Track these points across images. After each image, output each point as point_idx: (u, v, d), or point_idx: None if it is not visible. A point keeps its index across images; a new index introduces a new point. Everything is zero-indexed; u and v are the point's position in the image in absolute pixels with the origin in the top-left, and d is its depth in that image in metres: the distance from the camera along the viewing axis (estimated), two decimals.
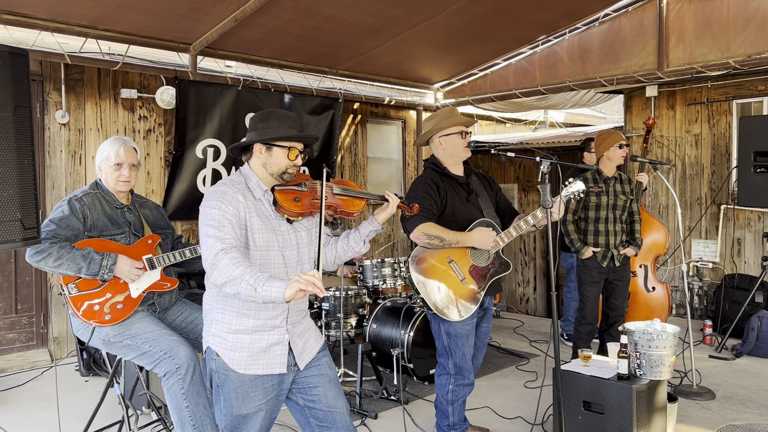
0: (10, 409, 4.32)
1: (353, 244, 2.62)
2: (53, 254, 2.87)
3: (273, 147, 2.42)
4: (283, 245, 2.43)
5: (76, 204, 3.04)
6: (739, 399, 4.35)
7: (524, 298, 8.58)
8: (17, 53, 2.03)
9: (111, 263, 2.98)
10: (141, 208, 3.34)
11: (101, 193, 3.17)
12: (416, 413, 4.17)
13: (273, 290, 2.07)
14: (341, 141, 7.40)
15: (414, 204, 2.79)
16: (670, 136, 7.07)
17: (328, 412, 2.45)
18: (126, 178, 3.17)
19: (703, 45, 5.73)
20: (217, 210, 2.28)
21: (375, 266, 5.32)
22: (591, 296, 4.61)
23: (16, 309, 5.41)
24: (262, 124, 2.44)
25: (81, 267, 2.91)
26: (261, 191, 2.43)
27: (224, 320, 2.38)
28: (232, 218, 2.29)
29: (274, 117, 2.46)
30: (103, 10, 4.81)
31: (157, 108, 5.98)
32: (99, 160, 3.19)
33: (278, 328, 2.39)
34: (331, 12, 5.33)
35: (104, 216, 3.11)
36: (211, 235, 2.23)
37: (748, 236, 6.54)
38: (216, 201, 2.30)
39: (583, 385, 3.34)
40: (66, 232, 2.97)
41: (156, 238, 3.24)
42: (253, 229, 2.35)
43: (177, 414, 2.97)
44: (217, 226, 2.24)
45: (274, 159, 2.42)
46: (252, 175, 2.45)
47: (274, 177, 2.44)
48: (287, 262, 2.43)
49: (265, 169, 2.44)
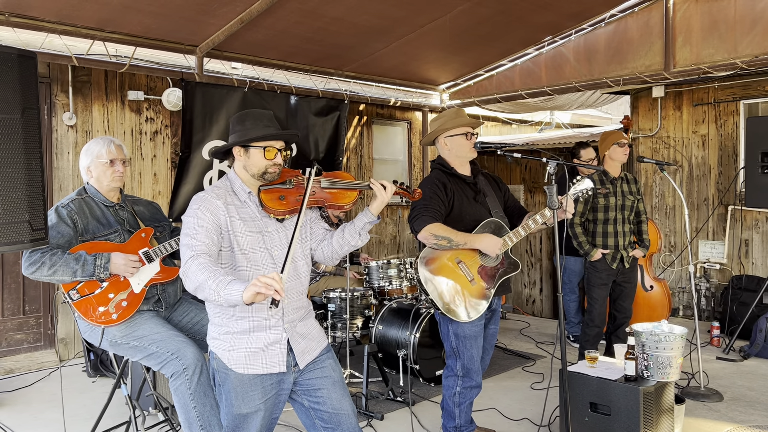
0: (18, 409, 4.34)
1: (348, 237, 2.54)
2: (47, 263, 2.89)
3: (250, 148, 2.42)
4: (271, 245, 2.42)
5: (63, 211, 3.06)
6: (747, 401, 4.33)
7: (530, 299, 8.56)
8: (25, 55, 2.04)
9: (105, 261, 2.98)
10: (134, 205, 3.35)
11: (89, 196, 3.19)
12: (422, 414, 4.17)
13: (233, 293, 2.02)
14: (347, 142, 7.40)
15: (416, 189, 2.68)
16: (677, 136, 7.05)
17: (334, 413, 2.44)
18: (120, 173, 3.20)
19: (710, 45, 5.71)
20: (193, 218, 2.30)
21: (381, 267, 5.31)
22: (599, 299, 4.59)
23: (24, 310, 5.43)
24: (238, 126, 2.45)
25: (75, 270, 2.92)
26: (245, 193, 2.43)
27: (221, 323, 2.39)
28: (208, 225, 2.29)
29: (249, 118, 2.46)
30: (110, 12, 4.83)
31: (163, 110, 6.00)
32: (87, 161, 3.19)
33: (275, 328, 2.39)
34: (337, 14, 5.34)
35: (94, 219, 3.13)
36: (184, 244, 2.24)
37: (755, 237, 6.50)
38: (194, 209, 2.32)
39: (589, 387, 3.33)
40: (57, 240, 2.98)
41: (149, 231, 3.24)
42: (236, 232, 2.35)
43: (184, 414, 2.98)
44: (191, 234, 2.25)
45: (252, 160, 2.43)
46: (236, 179, 2.46)
47: (256, 177, 2.44)
48: (277, 262, 2.42)
49: (246, 171, 2.45)
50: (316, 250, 2.61)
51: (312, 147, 6.78)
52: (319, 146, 6.87)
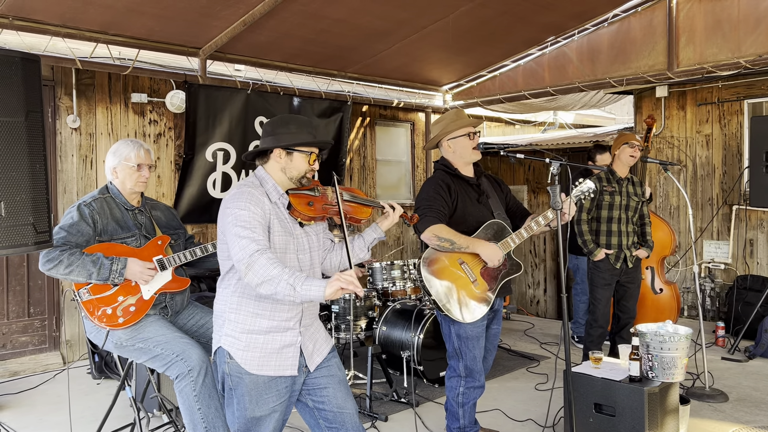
0: (22, 411, 4.35)
1: (357, 250, 2.70)
2: (64, 261, 2.89)
3: (294, 152, 2.45)
4: (297, 248, 2.46)
5: (85, 210, 3.06)
6: (753, 401, 4.31)
7: (534, 300, 8.55)
8: (29, 59, 2.05)
9: (121, 267, 2.99)
10: (152, 210, 3.36)
11: (111, 197, 3.18)
12: (426, 416, 4.16)
13: (313, 289, 2.14)
14: (350, 144, 7.41)
15: (414, 215, 2.87)
16: (681, 136, 7.03)
17: (338, 413, 2.46)
18: (146, 179, 3.21)
19: (714, 45, 5.69)
20: (246, 211, 2.31)
21: (384, 269, 5.31)
22: (603, 299, 4.59)
23: (29, 312, 5.45)
24: (282, 128, 2.47)
25: (91, 273, 2.93)
26: (277, 195, 2.46)
27: (238, 320, 2.39)
28: (261, 219, 2.33)
29: (294, 122, 2.50)
30: (113, 15, 4.85)
31: (167, 112, 6.02)
32: (114, 162, 3.18)
33: (291, 330, 2.42)
34: (339, 15, 5.35)
35: (114, 220, 3.13)
36: (244, 236, 2.26)
37: (760, 237, 6.48)
38: (244, 202, 2.33)
39: (594, 388, 3.32)
40: (77, 239, 2.99)
41: (166, 239, 3.25)
42: (273, 231, 2.39)
43: (189, 416, 2.98)
44: (249, 227, 2.28)
45: (294, 164, 2.46)
46: (268, 179, 2.47)
47: (293, 181, 2.48)
48: (302, 265, 2.47)
49: (283, 173, 2.47)
50: (324, 259, 2.69)
51: None
52: None
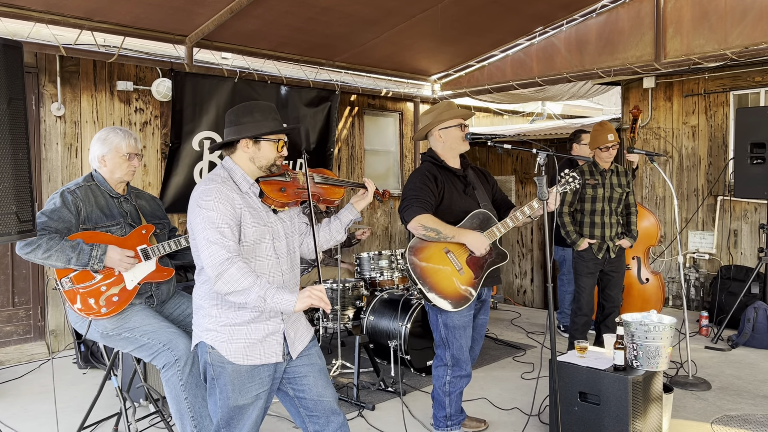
0: (7, 401, 4.32)
1: (335, 233, 2.70)
2: (42, 246, 2.85)
3: (261, 141, 2.42)
4: (273, 236, 2.44)
5: (68, 196, 3.02)
6: (735, 389, 4.38)
7: (521, 289, 8.60)
8: (11, 45, 2.02)
9: (101, 253, 2.96)
10: (137, 199, 3.33)
11: (96, 184, 3.15)
12: (413, 404, 4.19)
13: (283, 302, 2.20)
14: (338, 133, 7.38)
15: (386, 190, 2.83)
16: (667, 127, 7.07)
17: (318, 401, 2.47)
18: (135, 168, 3.20)
19: (701, 36, 5.72)
20: (215, 212, 2.27)
21: (372, 258, 5.32)
22: (586, 287, 4.63)
23: (14, 302, 5.41)
24: (246, 117, 2.43)
25: (70, 258, 2.89)
26: (247, 185, 2.43)
27: (219, 315, 2.38)
28: (231, 220, 2.29)
29: (258, 110, 2.45)
30: (98, 1, 4.78)
31: (153, 100, 5.96)
32: (103, 150, 3.13)
33: (274, 318, 2.41)
34: (328, 3, 5.31)
35: (98, 208, 3.09)
36: (214, 242, 2.24)
37: (744, 227, 6.55)
38: (213, 201, 2.29)
39: (579, 377, 3.35)
40: (57, 225, 2.95)
41: (150, 228, 3.23)
42: (246, 223, 2.35)
43: (176, 405, 2.98)
44: (219, 231, 2.25)
45: (263, 153, 2.43)
46: (237, 169, 2.44)
47: (263, 170, 2.46)
48: (278, 253, 2.45)
49: (252, 162, 2.44)
50: (302, 243, 2.67)
51: (303, 138, 6.76)
52: (310, 137, 6.85)
